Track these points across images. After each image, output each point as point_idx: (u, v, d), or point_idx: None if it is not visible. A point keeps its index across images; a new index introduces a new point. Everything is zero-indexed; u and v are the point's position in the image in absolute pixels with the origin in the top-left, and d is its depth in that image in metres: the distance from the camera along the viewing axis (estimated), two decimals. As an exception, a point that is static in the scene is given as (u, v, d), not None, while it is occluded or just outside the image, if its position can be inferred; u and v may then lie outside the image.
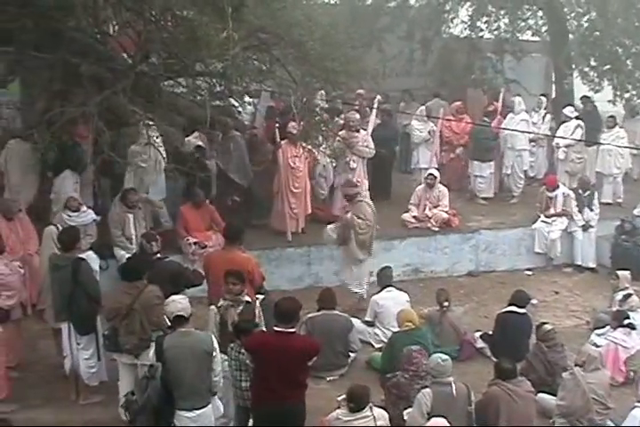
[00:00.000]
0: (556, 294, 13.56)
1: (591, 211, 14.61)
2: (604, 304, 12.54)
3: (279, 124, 13.63)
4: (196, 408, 7.73)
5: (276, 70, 11.30)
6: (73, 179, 12.32)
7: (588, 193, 14.68)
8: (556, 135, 16.21)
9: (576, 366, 9.27)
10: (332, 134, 12.49)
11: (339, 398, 8.42)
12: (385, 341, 10.66)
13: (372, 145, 14.11)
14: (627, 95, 17.47)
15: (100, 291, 9.45)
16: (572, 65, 18.16)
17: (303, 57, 10.87)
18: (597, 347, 10.21)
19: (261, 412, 7.85)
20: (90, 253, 10.49)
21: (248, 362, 8.00)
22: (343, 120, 14.32)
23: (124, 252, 11.71)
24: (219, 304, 8.79)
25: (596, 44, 17.37)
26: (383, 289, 11.45)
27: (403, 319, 10.07)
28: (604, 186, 16.23)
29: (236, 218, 12.36)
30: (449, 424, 7.67)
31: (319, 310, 10.64)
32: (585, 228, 14.54)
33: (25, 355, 10.34)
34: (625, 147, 15.78)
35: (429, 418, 7.95)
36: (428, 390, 8.30)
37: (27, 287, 10.55)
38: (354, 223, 11.95)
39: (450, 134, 16.32)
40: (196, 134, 13.31)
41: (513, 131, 15.62)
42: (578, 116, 16.37)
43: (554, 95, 19.14)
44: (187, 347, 7.66)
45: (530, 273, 14.45)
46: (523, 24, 18.12)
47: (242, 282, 8.80)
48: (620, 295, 11.71)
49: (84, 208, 11.81)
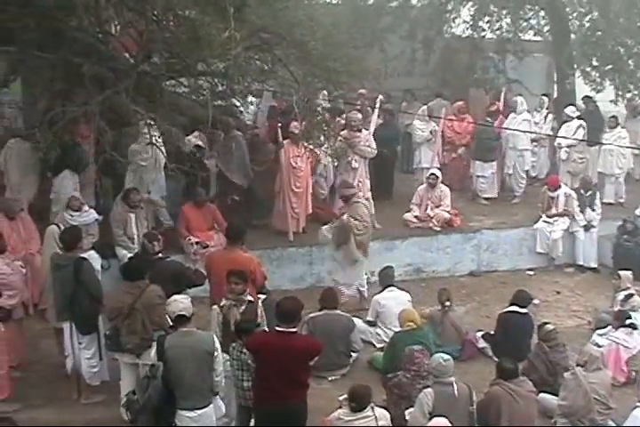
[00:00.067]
0: (558, 293, 13.55)
1: (593, 211, 14.60)
2: (605, 304, 12.54)
3: (281, 124, 13.62)
4: (198, 408, 7.74)
5: (277, 70, 11.29)
6: (72, 179, 12.32)
7: (589, 193, 14.67)
8: (558, 135, 16.20)
9: (578, 366, 9.27)
10: (333, 134, 12.49)
11: (340, 398, 8.41)
12: (387, 340, 10.65)
13: (373, 145, 14.07)
14: (628, 95, 17.47)
15: (102, 290, 9.46)
16: (574, 65, 18.15)
17: (305, 57, 10.87)
18: (599, 347, 10.19)
19: (263, 412, 7.85)
20: (92, 253, 10.49)
21: (250, 362, 8.00)
22: (345, 120, 14.32)
23: (125, 251, 11.70)
24: (221, 304, 8.79)
25: (598, 43, 17.36)
26: (385, 289, 11.45)
27: (404, 319, 10.07)
28: (605, 186, 16.21)
29: (238, 218, 12.38)
30: (450, 424, 7.66)
31: (321, 310, 10.64)
32: (587, 228, 14.53)
33: (27, 354, 10.33)
34: (627, 147, 15.77)
35: (431, 418, 7.94)
36: (429, 389, 8.29)
37: (28, 287, 10.54)
38: (350, 225, 11.95)
39: (452, 134, 16.29)
40: (195, 134, 13.31)
41: (515, 131, 15.61)
42: (580, 116, 16.36)
43: (556, 95, 19.14)
44: (188, 347, 7.67)
45: (531, 273, 14.44)
46: (525, 24, 18.12)
47: (244, 282, 8.81)
48: (622, 295, 11.71)
49: (85, 208, 11.83)
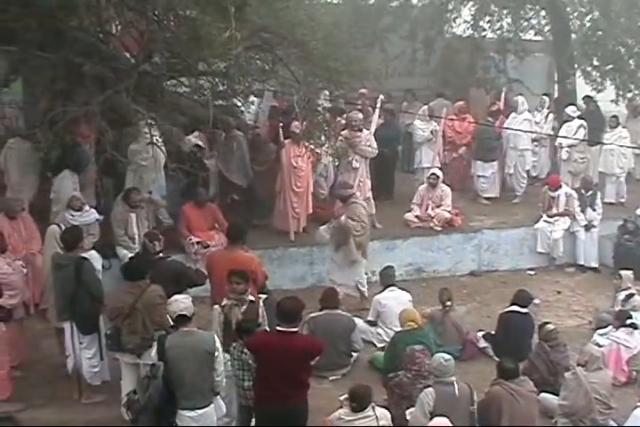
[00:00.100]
0: (559, 293, 13.55)
1: (594, 211, 14.59)
2: (606, 304, 12.54)
3: (283, 124, 13.62)
4: (198, 408, 7.74)
5: (278, 70, 11.29)
6: (72, 179, 12.28)
7: (590, 193, 14.67)
8: (559, 135, 16.20)
9: (578, 365, 9.27)
10: (334, 134, 12.48)
11: (341, 398, 8.41)
12: (387, 340, 10.65)
13: (374, 145, 14.05)
14: (629, 95, 17.46)
15: (103, 290, 9.46)
16: (575, 64, 18.14)
17: (306, 57, 10.87)
18: (600, 347, 10.20)
19: (264, 411, 7.85)
20: (92, 253, 10.49)
21: (250, 362, 8.00)
22: (346, 120, 14.31)
23: (126, 251, 11.68)
24: (223, 303, 8.79)
25: (599, 43, 17.35)
26: (386, 289, 11.45)
27: (405, 319, 10.06)
28: (606, 186, 16.20)
29: (239, 217, 12.38)
30: (451, 424, 7.66)
31: (322, 310, 10.64)
32: (587, 227, 14.52)
33: (27, 354, 10.33)
34: (628, 147, 15.77)
35: (432, 418, 7.95)
36: (430, 389, 8.29)
37: (29, 287, 10.53)
38: (348, 226, 11.95)
39: (452, 134, 16.28)
40: (195, 133, 13.29)
41: (516, 131, 15.61)
42: (580, 115, 16.36)
43: (556, 95, 19.13)
44: (188, 346, 7.67)
45: (532, 273, 14.44)
46: (525, 24, 18.11)
47: (246, 281, 8.81)
48: (623, 295, 11.71)
49: (86, 208, 11.82)
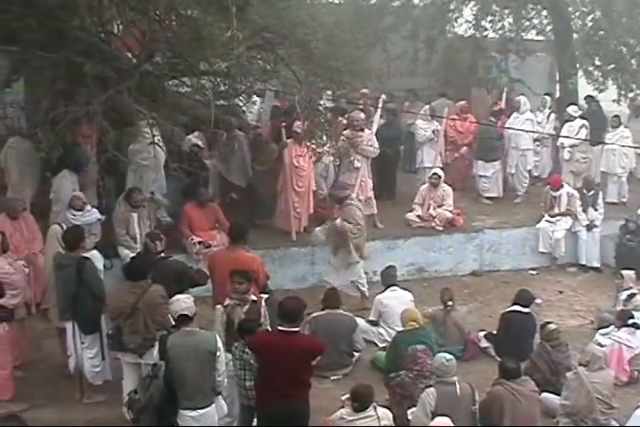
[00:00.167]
0: (560, 293, 13.54)
1: (595, 210, 14.58)
2: (608, 304, 12.54)
3: (285, 124, 13.60)
4: (199, 408, 7.74)
5: (280, 70, 11.30)
6: (71, 179, 12.24)
7: (592, 193, 14.66)
8: (561, 135, 16.19)
9: (580, 365, 9.27)
10: (335, 134, 12.47)
11: (343, 398, 8.42)
12: (389, 340, 10.63)
13: (376, 144, 14.03)
14: (631, 95, 17.42)
15: (105, 290, 9.45)
16: (577, 64, 18.10)
17: (307, 56, 10.89)
18: (601, 346, 10.20)
19: (265, 411, 7.85)
20: (94, 253, 10.53)
21: (252, 362, 7.99)
22: (347, 119, 14.30)
23: (128, 251, 11.67)
24: (225, 303, 8.78)
25: (601, 43, 17.32)
26: (387, 288, 11.44)
27: (407, 319, 10.06)
28: (608, 185, 16.20)
29: (240, 217, 12.38)
30: (453, 424, 7.66)
31: (323, 310, 10.65)
32: (589, 227, 14.51)
33: (29, 354, 10.33)
34: (630, 146, 15.75)
35: (433, 418, 7.95)
36: (432, 389, 8.30)
37: (31, 286, 10.53)
38: (344, 229, 11.93)
39: (454, 134, 16.26)
40: (196, 133, 13.27)
41: (517, 130, 15.60)
42: (582, 115, 16.35)
43: (558, 95, 19.11)
44: (190, 346, 7.67)
45: (534, 273, 14.42)
46: (527, 23, 18.08)
47: (248, 281, 8.80)
48: (625, 295, 11.72)
49: (88, 207, 11.81)
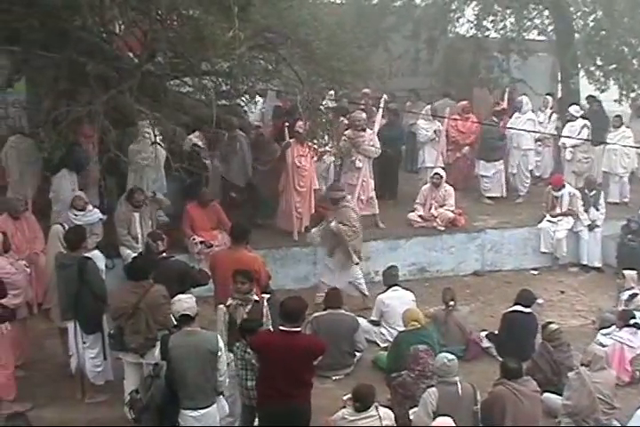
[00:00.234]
0: (562, 293, 13.54)
1: (597, 210, 14.58)
2: (609, 304, 12.55)
3: (288, 124, 13.59)
4: (201, 408, 7.75)
5: (282, 70, 11.30)
6: (71, 178, 12.21)
7: (594, 192, 14.66)
8: (563, 135, 16.19)
9: (582, 365, 9.27)
10: (337, 133, 12.46)
11: (344, 398, 8.43)
12: (391, 340, 10.62)
13: (377, 144, 14.03)
14: (633, 95, 17.37)
15: (106, 290, 9.45)
16: (578, 64, 18.08)
17: (309, 56, 10.88)
18: (603, 347, 10.21)
19: (267, 411, 7.84)
20: (96, 253, 10.54)
21: (254, 361, 7.99)
22: (349, 119, 14.30)
23: (129, 251, 11.67)
24: (227, 303, 8.78)
25: (602, 43, 17.30)
26: (389, 288, 11.44)
27: (408, 319, 10.06)
28: (610, 185, 16.19)
29: (242, 217, 12.38)
30: (455, 424, 7.65)
31: (325, 310, 10.65)
32: (591, 227, 14.51)
33: (31, 354, 10.34)
34: (631, 146, 15.74)
35: (435, 418, 7.94)
36: (433, 389, 8.30)
37: (33, 286, 10.51)
38: (340, 231, 11.90)
39: (456, 134, 16.26)
40: (196, 133, 13.26)
41: (519, 130, 15.60)
42: (584, 115, 16.35)
43: (560, 95, 19.08)
44: (191, 346, 7.67)
45: (536, 273, 14.42)
46: (529, 23, 18.07)
47: (250, 281, 8.80)
48: (626, 295, 11.73)
49: (89, 207, 11.79)
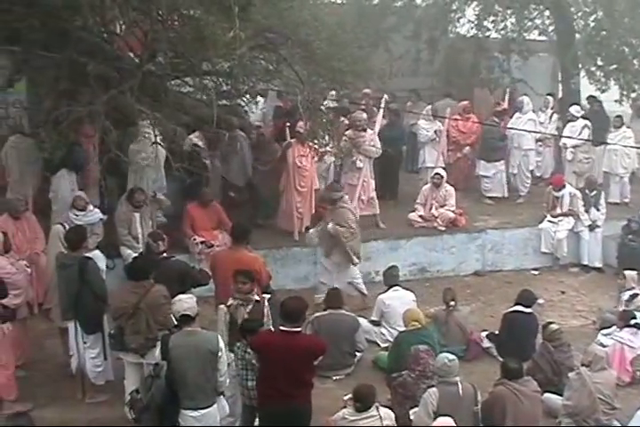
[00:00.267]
0: (563, 293, 13.53)
1: (598, 211, 14.57)
2: (610, 304, 12.54)
3: (290, 124, 13.58)
4: (201, 408, 7.74)
5: (282, 70, 11.29)
6: (70, 178, 12.21)
7: (594, 193, 14.65)
8: (563, 135, 16.19)
9: (582, 365, 9.27)
10: (338, 134, 12.46)
11: (345, 398, 8.43)
12: (391, 340, 10.62)
13: (378, 144, 14.03)
14: (633, 95, 17.38)
15: (107, 290, 9.45)
16: (579, 64, 18.08)
17: (310, 57, 10.88)
18: (604, 347, 10.21)
19: (267, 411, 7.84)
20: (96, 253, 10.55)
21: (254, 361, 7.98)
22: (349, 120, 14.29)
23: (130, 251, 11.68)
24: (228, 303, 8.78)
25: (603, 43, 17.30)
26: (390, 288, 11.44)
27: (409, 319, 10.06)
28: (610, 186, 16.19)
29: (243, 217, 12.37)
30: (455, 424, 7.66)
31: (326, 310, 10.65)
32: (591, 227, 14.50)
33: (31, 354, 10.34)
34: (632, 147, 15.73)
35: (435, 418, 7.94)
36: (434, 389, 8.29)
37: (33, 286, 10.54)
38: (337, 232, 11.87)
39: (456, 134, 16.26)
40: (196, 133, 13.26)
41: (520, 131, 15.60)
42: (585, 115, 16.34)
43: (560, 95, 19.10)
44: (191, 346, 7.67)
45: (536, 273, 14.41)
46: (529, 23, 18.09)
47: (251, 281, 8.81)
48: (627, 295, 11.73)
49: (90, 207, 11.78)
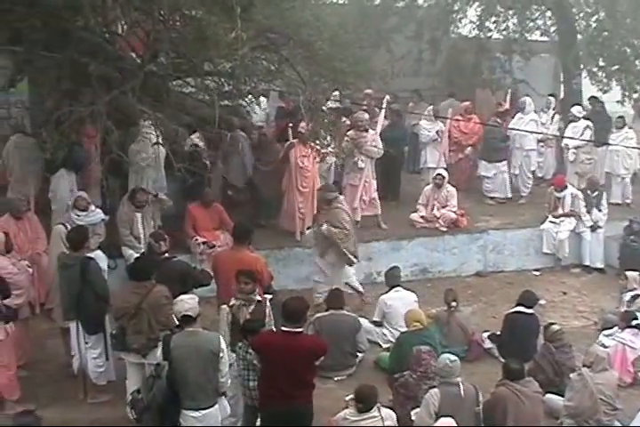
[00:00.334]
0: (564, 294, 13.52)
1: (599, 211, 14.56)
2: (611, 305, 12.53)
3: (292, 124, 13.58)
4: (202, 408, 7.73)
5: (284, 70, 11.29)
6: (69, 178, 12.22)
7: (596, 193, 14.64)
8: (565, 136, 16.18)
9: (584, 366, 9.26)
10: (339, 134, 12.45)
11: (346, 399, 8.41)
12: (393, 341, 10.64)
13: (380, 145, 14.03)
14: (635, 95, 17.39)
15: (109, 290, 9.46)
16: (581, 65, 18.09)
17: (312, 57, 10.88)
18: (605, 348, 10.19)
19: (269, 412, 7.84)
20: (98, 253, 10.54)
21: (255, 362, 7.99)
22: (351, 120, 14.29)
23: (132, 251, 11.70)
24: (230, 304, 8.78)
25: (605, 44, 17.29)
26: (391, 289, 11.43)
27: (410, 319, 10.05)
28: (612, 186, 16.19)
29: (245, 218, 12.37)
30: (457, 425, 7.67)
31: (327, 310, 10.65)
32: (593, 228, 14.49)
33: (33, 354, 10.35)
34: (634, 147, 15.73)
35: (437, 418, 7.95)
36: (435, 390, 8.29)
37: (35, 286, 10.56)
38: (331, 234, 11.80)
39: (458, 134, 16.25)
40: (197, 134, 13.26)
41: (521, 131, 15.59)
42: (586, 116, 16.34)
43: (562, 95, 19.09)
44: (192, 346, 7.66)
45: (538, 273, 14.41)
46: (531, 24, 18.09)
47: (253, 281, 8.81)
48: (629, 296, 11.71)
49: (92, 208, 11.77)
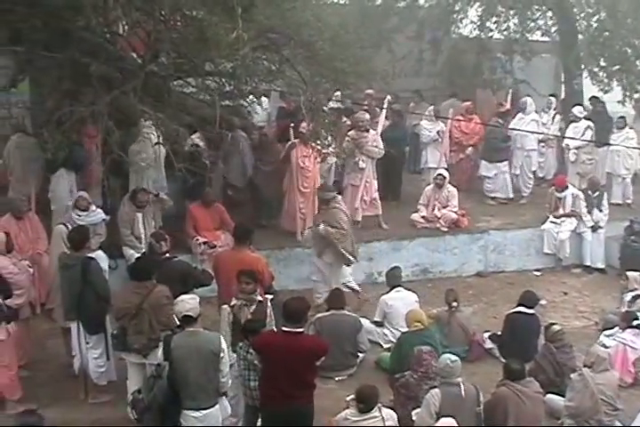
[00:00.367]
0: (565, 294, 13.52)
1: (600, 212, 14.55)
2: (612, 305, 12.53)
3: (294, 124, 13.58)
4: (203, 408, 7.72)
5: (285, 70, 11.30)
6: (68, 178, 12.23)
7: (597, 194, 14.64)
8: (566, 136, 16.17)
9: (585, 366, 9.25)
10: (340, 134, 12.45)
11: (347, 399, 8.42)
12: (394, 341, 10.64)
13: (381, 145, 14.03)
14: (636, 96, 17.39)
15: (110, 290, 9.46)
16: (582, 65, 18.08)
17: (312, 57, 10.89)
18: (606, 348, 10.17)
19: (270, 412, 7.85)
20: (99, 253, 10.55)
21: (256, 362, 7.99)
22: (352, 120, 14.29)
23: (133, 251, 11.70)
24: (232, 304, 8.78)
25: (606, 44, 17.29)
26: (392, 289, 11.43)
27: (411, 320, 10.05)
28: (613, 187, 16.18)
29: (243, 217, 12.37)
30: (457, 425, 7.66)
31: (328, 310, 10.65)
32: (594, 228, 14.48)
33: (34, 354, 10.36)
34: (634, 148, 15.72)
35: (438, 418, 7.94)
36: (436, 390, 8.28)
37: (35, 286, 10.56)
38: (328, 234, 11.78)
39: (459, 135, 16.23)
40: (197, 134, 13.26)
41: (522, 131, 15.59)
42: (587, 116, 16.33)
43: (563, 96, 19.09)
44: (193, 347, 7.66)
45: (538, 274, 14.40)
46: (532, 24, 18.08)
47: (255, 281, 8.82)
48: (629, 296, 11.70)
49: (93, 208, 11.77)
